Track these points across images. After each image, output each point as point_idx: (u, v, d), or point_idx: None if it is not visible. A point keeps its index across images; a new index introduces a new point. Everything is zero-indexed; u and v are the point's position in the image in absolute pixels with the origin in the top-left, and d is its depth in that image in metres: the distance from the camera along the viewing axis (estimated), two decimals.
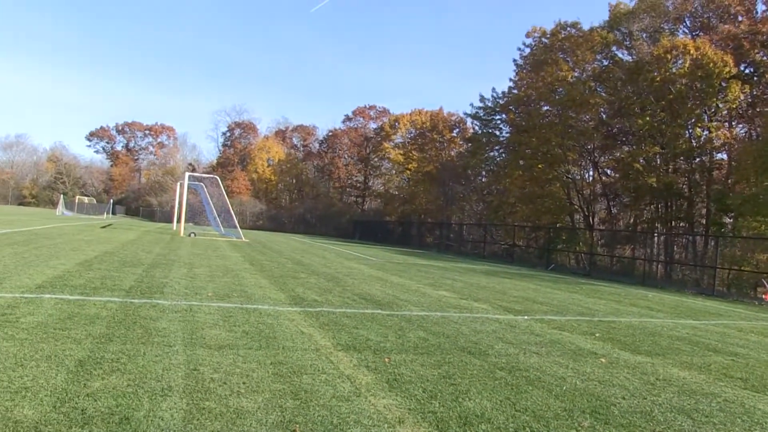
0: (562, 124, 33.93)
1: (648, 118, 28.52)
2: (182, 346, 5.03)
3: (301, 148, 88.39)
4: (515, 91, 40.20)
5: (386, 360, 5.29)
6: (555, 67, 35.28)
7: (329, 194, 78.14)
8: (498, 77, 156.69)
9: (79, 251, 13.18)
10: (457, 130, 60.58)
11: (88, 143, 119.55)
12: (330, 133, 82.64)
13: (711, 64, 25.91)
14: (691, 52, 26.75)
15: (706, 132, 27.82)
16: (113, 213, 69.88)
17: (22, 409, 3.31)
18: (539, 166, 35.56)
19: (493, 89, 44.19)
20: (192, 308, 6.98)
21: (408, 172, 60.60)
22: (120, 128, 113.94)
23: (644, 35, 31.68)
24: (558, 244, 32.33)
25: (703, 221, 28.65)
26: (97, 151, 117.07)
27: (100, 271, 9.68)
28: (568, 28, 36.20)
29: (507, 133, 42.85)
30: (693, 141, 28.44)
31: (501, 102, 42.31)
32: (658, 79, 27.96)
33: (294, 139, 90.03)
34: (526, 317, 9.15)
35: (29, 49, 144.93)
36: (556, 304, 11.55)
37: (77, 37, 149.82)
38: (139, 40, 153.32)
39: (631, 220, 34.06)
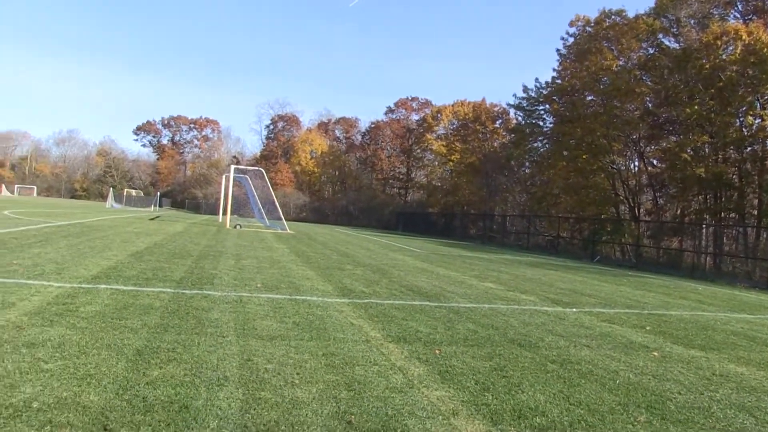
0: (606, 114, 33.14)
1: (696, 107, 27.58)
2: (235, 337, 5.09)
3: (344, 140, 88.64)
4: (559, 81, 39.45)
5: (437, 352, 5.25)
6: (599, 56, 34.46)
7: (372, 186, 78.29)
8: (541, 67, 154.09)
9: (130, 243, 13.48)
10: (500, 121, 59.90)
11: (135, 137, 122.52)
12: (372, 125, 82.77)
13: (765, 50, 24.90)
14: (743, 37, 25.76)
15: (758, 120, 26.70)
16: (160, 205, 71.22)
17: (88, 395, 3.39)
18: (583, 156, 34.86)
19: (537, 79, 43.64)
20: (242, 299, 7.06)
21: (451, 163, 60.20)
22: (166, 122, 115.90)
23: (692, 21, 30.65)
24: (603, 236, 31.70)
25: (755, 212, 27.63)
26: (143, 145, 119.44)
27: (151, 263, 9.87)
28: (613, 16, 35.27)
29: (550, 123, 42.16)
30: (744, 130, 27.36)
31: (544, 92, 41.59)
32: (707, 66, 27.00)
33: (337, 131, 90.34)
34: (574, 309, 8.99)
35: (80, 48, 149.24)
36: (603, 297, 11.33)
37: (125, 35, 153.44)
38: (185, 37, 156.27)
39: (678, 212, 33.09)
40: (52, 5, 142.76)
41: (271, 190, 30.40)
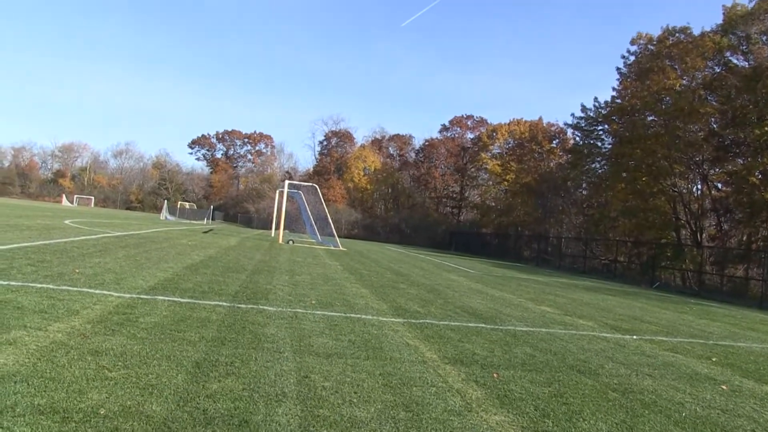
0: (668, 135, 32.21)
1: (767, 128, 26.57)
2: (291, 353, 5.11)
3: (398, 158, 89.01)
4: (618, 101, 38.69)
5: (495, 375, 5.16)
6: (662, 75, 33.60)
7: (425, 204, 78.22)
8: (600, 86, 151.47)
9: (185, 255, 13.76)
10: (557, 140, 59.15)
11: (189, 151, 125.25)
12: (426, 143, 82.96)
13: None
14: None
15: None
16: (212, 219, 72.56)
17: (151, 404, 3.45)
18: (643, 178, 33.96)
19: (596, 99, 42.82)
20: (297, 315, 7.11)
21: (505, 183, 59.69)
22: (220, 136, 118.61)
23: (764, 38, 29.60)
24: (663, 261, 30.71)
25: None
26: (198, 159, 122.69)
27: (206, 276, 10.04)
28: (677, 34, 34.42)
29: (609, 144, 41.31)
30: None
31: (603, 112, 40.85)
32: None
33: (390, 148, 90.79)
34: (634, 337, 8.72)
35: (139, 60, 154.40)
36: (665, 324, 10.95)
37: (182, 49, 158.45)
38: (241, 53, 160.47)
39: (745, 238, 31.79)
40: (114, 18, 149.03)
41: (324, 206, 30.70)
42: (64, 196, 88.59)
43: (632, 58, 37.98)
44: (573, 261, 38.45)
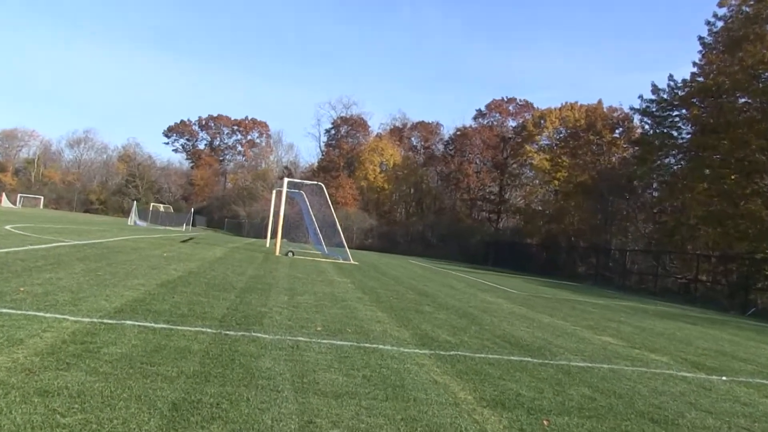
0: (766, 122, 31.87)
1: None
2: (292, 392, 5.09)
3: (422, 151, 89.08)
4: (700, 79, 38.38)
5: (545, 422, 5.12)
6: (759, 45, 33.11)
7: (456, 208, 78.21)
8: (677, 61, 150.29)
9: (160, 270, 13.82)
10: (621, 129, 58.76)
11: (165, 140, 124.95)
12: (458, 132, 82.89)
13: None
14: None
15: None
16: (193, 224, 72.81)
17: None
18: (732, 176, 33.65)
19: (671, 77, 42.35)
20: (299, 345, 7.10)
21: (555, 182, 59.48)
22: (203, 123, 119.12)
23: None
24: (759, 281, 30.35)
25: None
26: (175, 150, 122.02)
27: (186, 295, 10.08)
28: None
29: (688, 133, 41.04)
30: None
31: (680, 93, 40.52)
32: None
33: (413, 139, 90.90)
34: (723, 378, 8.59)
35: (101, 32, 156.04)
36: (765, 363, 10.80)
37: (153, 19, 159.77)
38: (228, 20, 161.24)
39: None
40: None
41: (332, 209, 30.75)
42: (4, 195, 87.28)
43: (720, 24, 37.62)
44: (641, 280, 38.16)
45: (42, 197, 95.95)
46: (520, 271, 45.26)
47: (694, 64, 39.77)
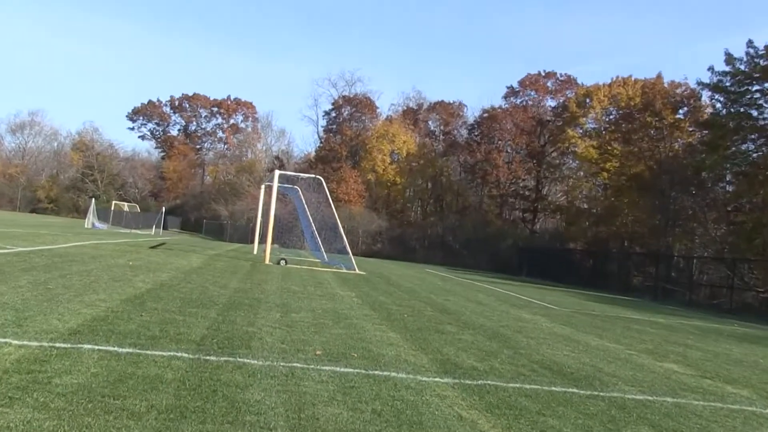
0: None
1: None
2: (287, 430, 5.06)
3: (441, 137, 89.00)
4: None
5: None
6: None
7: (482, 206, 78.19)
8: (758, 23, 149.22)
9: (124, 282, 13.87)
10: (685, 109, 58.52)
11: (130, 125, 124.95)
12: (485, 115, 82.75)
13: None
14: None
15: None
16: (165, 227, 72.83)
17: None
18: None
19: (750, 43, 42.16)
20: (294, 372, 7.08)
21: (604, 174, 59.32)
22: (176, 104, 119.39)
23: None
24: None
25: None
26: (142, 137, 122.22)
27: (157, 313, 10.09)
28: None
29: None
30: None
31: (762, 63, 40.34)
32: None
33: (431, 122, 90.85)
34: None
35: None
36: None
37: None
38: None
39: None
40: None
41: (333, 208, 30.75)
42: None
43: None
44: (712, 294, 38.03)
45: None
46: (560, 283, 45.22)
47: None
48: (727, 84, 43.29)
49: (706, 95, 50.88)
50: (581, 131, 65.72)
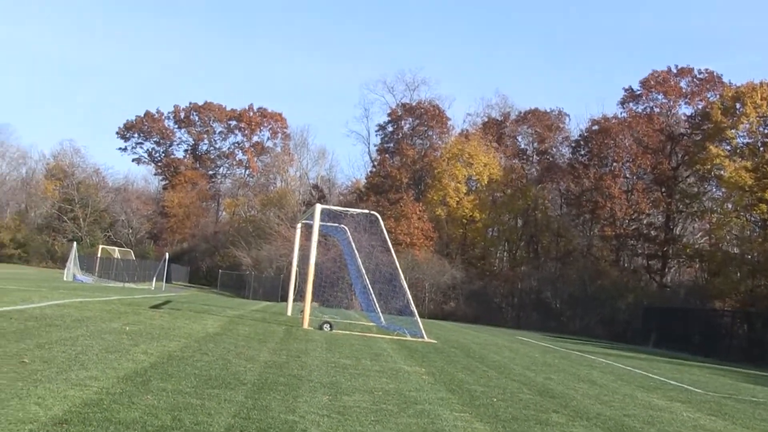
0: None
1: None
2: None
3: (535, 158, 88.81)
4: None
5: None
6: None
7: (592, 251, 77.68)
8: None
9: (121, 353, 13.90)
10: None
11: (121, 144, 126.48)
12: (594, 127, 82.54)
13: None
14: None
15: None
16: (168, 279, 73.20)
17: None
18: None
19: None
20: None
21: (763, 207, 58.64)
22: (181, 116, 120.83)
23: None
24: None
25: None
26: (137, 159, 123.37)
27: (167, 395, 10.03)
28: None
29: None
30: None
31: None
32: None
33: (520, 138, 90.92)
34: None
35: None
36: None
37: None
38: None
39: None
40: None
41: (393, 253, 30.64)
42: None
43: None
44: None
45: None
46: (704, 356, 44.71)
47: None
48: None
49: None
50: (729, 148, 65.17)
